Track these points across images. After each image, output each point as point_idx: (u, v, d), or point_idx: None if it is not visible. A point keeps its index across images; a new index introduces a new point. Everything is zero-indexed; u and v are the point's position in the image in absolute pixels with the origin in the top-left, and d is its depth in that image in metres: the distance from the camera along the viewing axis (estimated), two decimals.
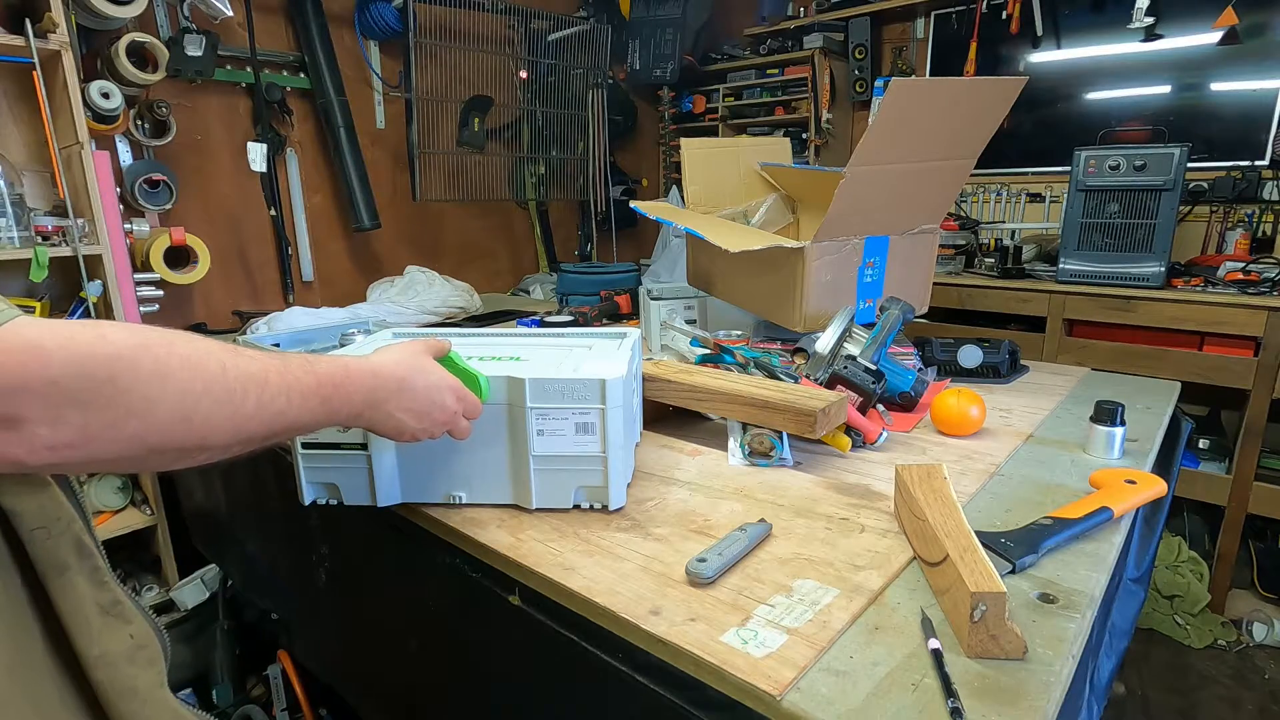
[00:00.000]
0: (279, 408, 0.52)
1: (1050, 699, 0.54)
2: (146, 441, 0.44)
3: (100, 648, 0.51)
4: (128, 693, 0.53)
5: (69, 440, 0.41)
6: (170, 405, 0.45)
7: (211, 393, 0.47)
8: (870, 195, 1.26)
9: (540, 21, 3.11)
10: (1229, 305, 2.06)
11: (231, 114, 2.47)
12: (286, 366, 0.54)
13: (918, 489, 0.77)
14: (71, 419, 0.41)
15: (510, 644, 0.81)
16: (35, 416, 0.40)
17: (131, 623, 0.54)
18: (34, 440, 0.41)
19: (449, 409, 0.72)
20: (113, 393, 0.42)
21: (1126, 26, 2.54)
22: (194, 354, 0.47)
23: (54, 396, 0.40)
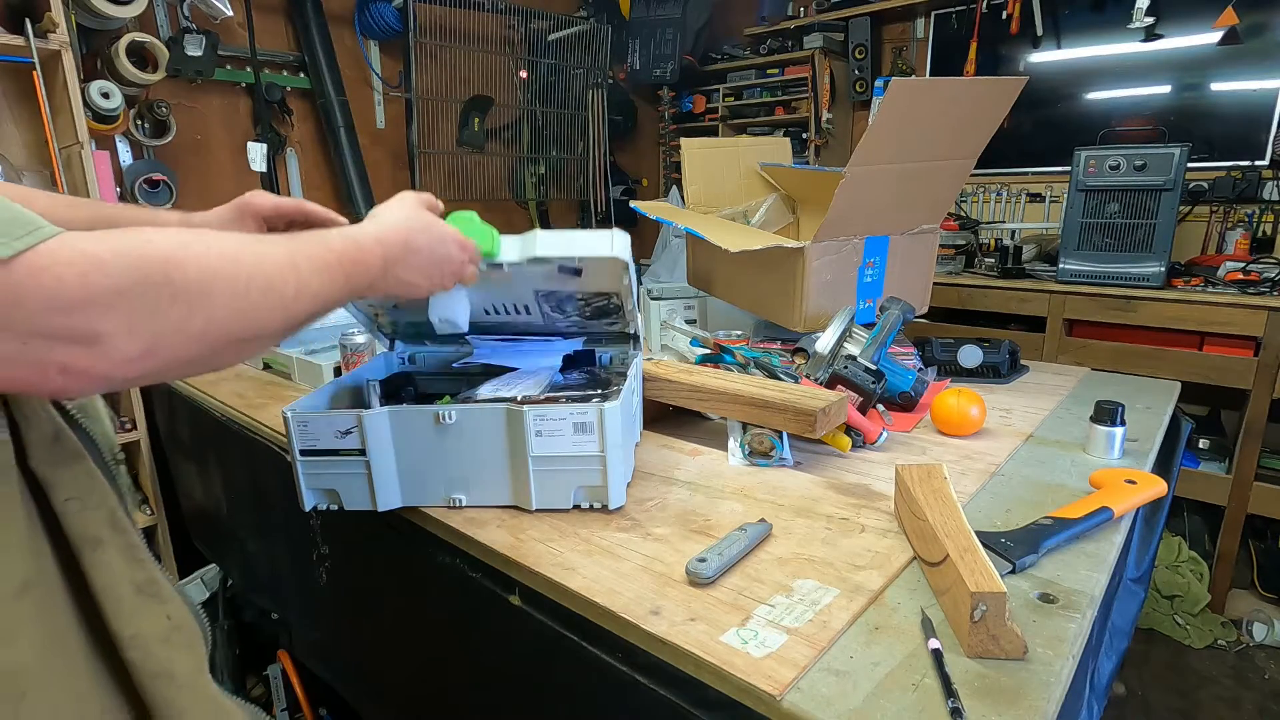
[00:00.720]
0: (314, 288, 0.53)
1: (1050, 699, 0.54)
2: (209, 337, 0.45)
3: (134, 628, 0.50)
4: (164, 676, 0.50)
5: (146, 347, 0.41)
6: (224, 298, 0.45)
7: (255, 281, 0.47)
8: (870, 195, 1.26)
9: (540, 21, 3.11)
10: (1229, 305, 2.06)
11: (231, 114, 2.47)
12: (309, 248, 0.54)
13: (918, 489, 0.77)
14: (144, 325, 0.41)
15: (510, 644, 0.81)
16: (111, 329, 0.39)
17: (168, 603, 0.52)
18: (115, 353, 0.40)
19: (455, 259, 0.72)
20: (173, 292, 0.42)
21: (1126, 26, 2.54)
22: (229, 248, 0.47)
23: (122, 305, 0.40)
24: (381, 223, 0.65)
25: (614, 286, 0.92)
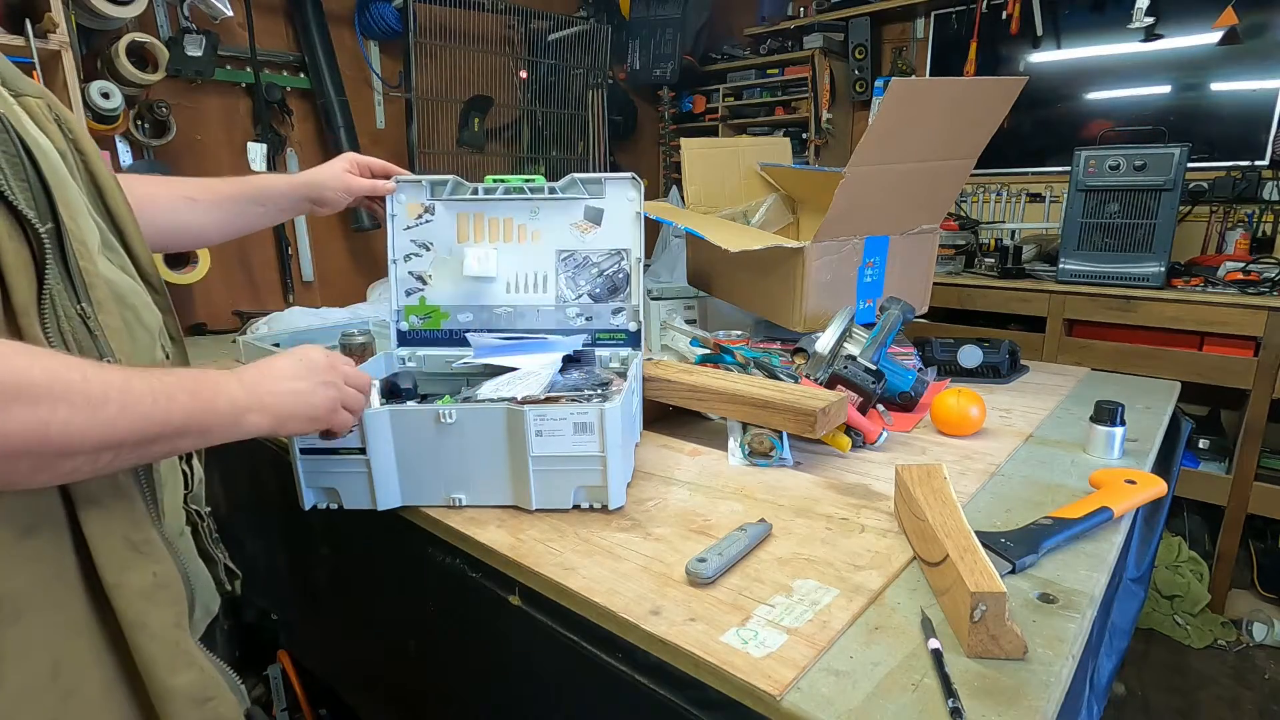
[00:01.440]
0: (144, 409, 0.52)
1: (1050, 699, 0.54)
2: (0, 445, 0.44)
3: (117, 578, 0.54)
4: (138, 626, 0.55)
5: None
6: (22, 408, 0.44)
7: (69, 397, 0.47)
8: (870, 195, 1.26)
9: (540, 21, 3.11)
10: (1229, 305, 2.06)
11: (231, 114, 2.47)
12: (150, 372, 0.54)
13: (918, 489, 0.76)
14: None
15: (510, 644, 0.81)
16: None
17: (158, 563, 0.57)
18: None
19: (317, 358, 0.70)
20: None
21: (1126, 26, 2.54)
22: (50, 363, 0.47)
23: None
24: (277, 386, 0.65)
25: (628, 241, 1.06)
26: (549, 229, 1.08)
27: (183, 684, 0.58)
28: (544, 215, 1.08)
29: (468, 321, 1.11)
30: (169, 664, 0.57)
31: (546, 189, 1.06)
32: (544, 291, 1.09)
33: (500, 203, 1.08)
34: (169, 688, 0.57)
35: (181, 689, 0.58)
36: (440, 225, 1.09)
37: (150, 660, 0.56)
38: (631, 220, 1.06)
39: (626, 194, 1.06)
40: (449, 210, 1.09)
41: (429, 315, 1.11)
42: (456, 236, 1.09)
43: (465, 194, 1.07)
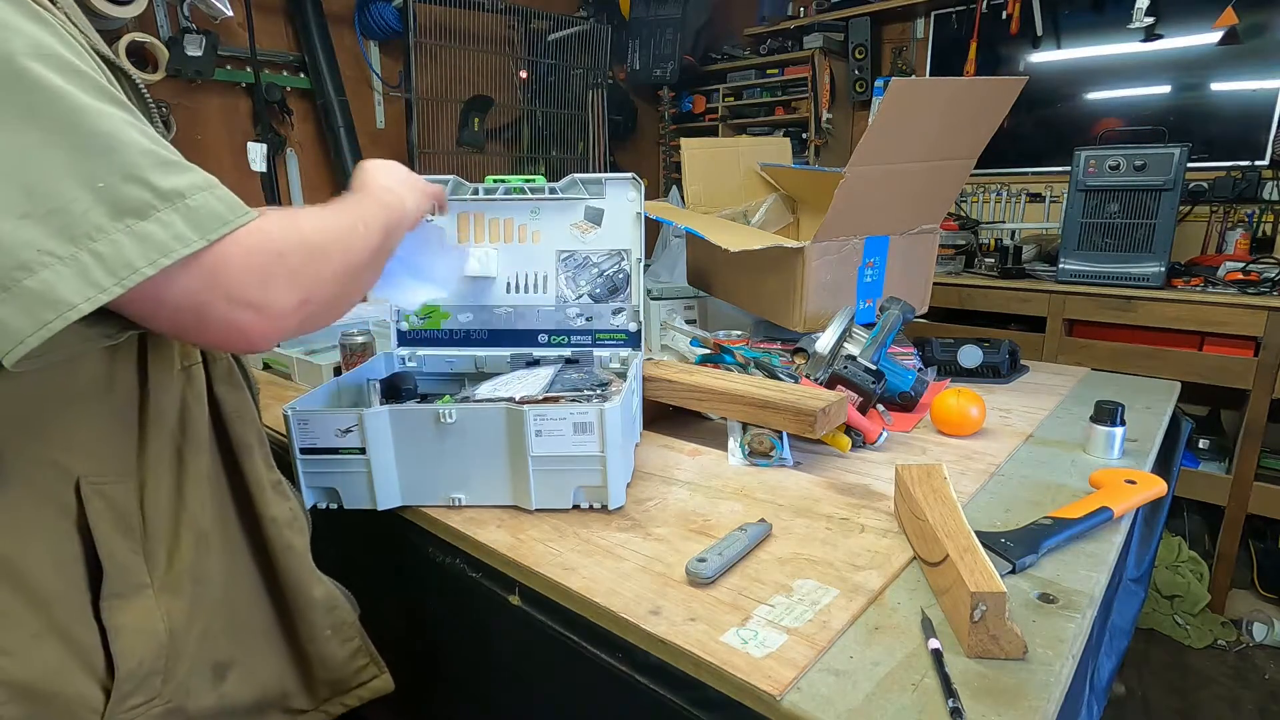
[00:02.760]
0: (373, 221, 0.65)
1: (1050, 699, 0.54)
2: (338, 277, 0.56)
3: (272, 512, 0.69)
4: (287, 550, 0.70)
5: (301, 298, 0.52)
6: (336, 249, 0.57)
7: (344, 234, 0.60)
8: (870, 195, 1.26)
9: (540, 21, 3.11)
10: (1229, 305, 2.06)
11: (231, 114, 2.47)
12: (353, 201, 0.69)
13: (918, 489, 0.77)
14: (299, 282, 0.52)
15: (510, 644, 0.81)
16: (276, 294, 0.50)
17: (290, 499, 0.72)
18: (279, 309, 0.51)
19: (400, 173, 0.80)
20: (311, 254, 0.53)
21: (1126, 26, 2.54)
22: (328, 220, 0.59)
23: (286, 273, 0.51)
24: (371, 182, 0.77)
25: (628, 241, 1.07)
26: (549, 229, 1.08)
27: (319, 595, 0.74)
28: (544, 215, 1.08)
29: (468, 321, 1.11)
30: (309, 579, 0.72)
31: (547, 189, 1.06)
32: (544, 292, 1.10)
33: (500, 203, 1.08)
34: (311, 598, 0.72)
35: (319, 599, 0.73)
36: (440, 225, 1.09)
37: (296, 577, 0.71)
38: (632, 220, 1.06)
39: (627, 194, 1.06)
40: (449, 210, 1.09)
41: (429, 315, 1.11)
42: (457, 237, 1.09)
43: (465, 194, 1.07)
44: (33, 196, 0.42)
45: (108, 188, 0.44)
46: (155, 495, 0.59)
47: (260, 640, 0.70)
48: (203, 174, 0.48)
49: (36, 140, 0.42)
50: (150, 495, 0.59)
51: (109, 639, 0.55)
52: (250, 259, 0.48)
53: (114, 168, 0.44)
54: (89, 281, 0.42)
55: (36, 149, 0.42)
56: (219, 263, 0.47)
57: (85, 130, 0.44)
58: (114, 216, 0.44)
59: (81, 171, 0.43)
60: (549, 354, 1.09)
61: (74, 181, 0.43)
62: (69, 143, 0.43)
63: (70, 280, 0.42)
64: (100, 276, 0.43)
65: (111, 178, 0.44)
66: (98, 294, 0.43)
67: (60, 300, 0.42)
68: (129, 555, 0.57)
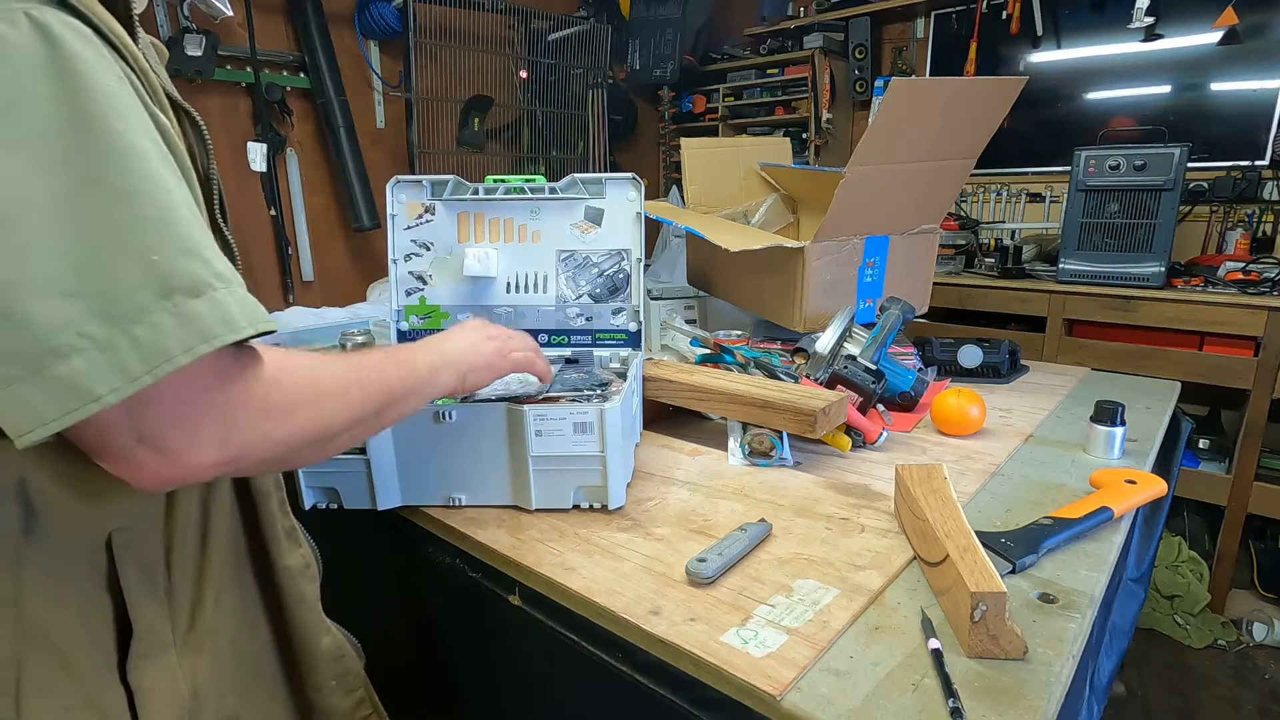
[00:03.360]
0: (373, 387, 0.59)
1: (1050, 699, 0.54)
2: (290, 444, 0.51)
3: (286, 561, 0.66)
4: (299, 601, 0.68)
5: (231, 456, 0.46)
6: (303, 411, 0.51)
7: (328, 394, 0.54)
8: (870, 195, 1.26)
9: (540, 21, 3.11)
10: (1229, 305, 2.06)
11: (231, 114, 2.47)
12: (361, 355, 0.61)
13: (918, 489, 0.77)
14: (236, 437, 0.46)
15: (510, 644, 0.81)
16: (204, 440, 0.45)
17: (302, 546, 0.69)
18: (196, 460, 0.45)
19: (474, 322, 0.78)
20: (266, 409, 0.48)
21: (1126, 26, 2.54)
22: (310, 364, 0.54)
23: (221, 419, 0.46)
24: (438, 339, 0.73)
25: (628, 241, 1.07)
26: (549, 229, 1.08)
27: (326, 645, 0.71)
28: (544, 215, 1.08)
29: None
30: (317, 630, 0.70)
31: (547, 189, 1.06)
32: (544, 292, 1.10)
33: (500, 203, 1.08)
34: (318, 649, 0.70)
35: (325, 650, 0.71)
36: (440, 225, 1.09)
37: (305, 627, 0.68)
38: (632, 220, 1.06)
39: (627, 194, 1.06)
40: (449, 210, 1.09)
41: (429, 315, 1.11)
42: (457, 236, 1.09)
43: (465, 194, 1.07)
44: (83, 272, 0.39)
45: (162, 261, 0.41)
46: (182, 550, 0.57)
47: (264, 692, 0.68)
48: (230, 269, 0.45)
49: (98, 210, 0.40)
50: (177, 550, 0.57)
51: (135, 702, 0.53)
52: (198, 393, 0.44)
53: (171, 241, 0.41)
54: (120, 370, 0.39)
55: (97, 221, 0.40)
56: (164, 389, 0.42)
57: (151, 202, 0.41)
58: (162, 295, 0.40)
59: (139, 244, 0.40)
60: (549, 354, 1.09)
61: (127, 254, 0.40)
62: (130, 215, 0.40)
63: (102, 369, 0.39)
64: (133, 364, 0.40)
65: (167, 251, 0.41)
66: (126, 385, 0.39)
67: (86, 391, 0.39)
68: (156, 613, 0.55)
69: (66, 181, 0.39)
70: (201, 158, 0.57)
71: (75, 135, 0.40)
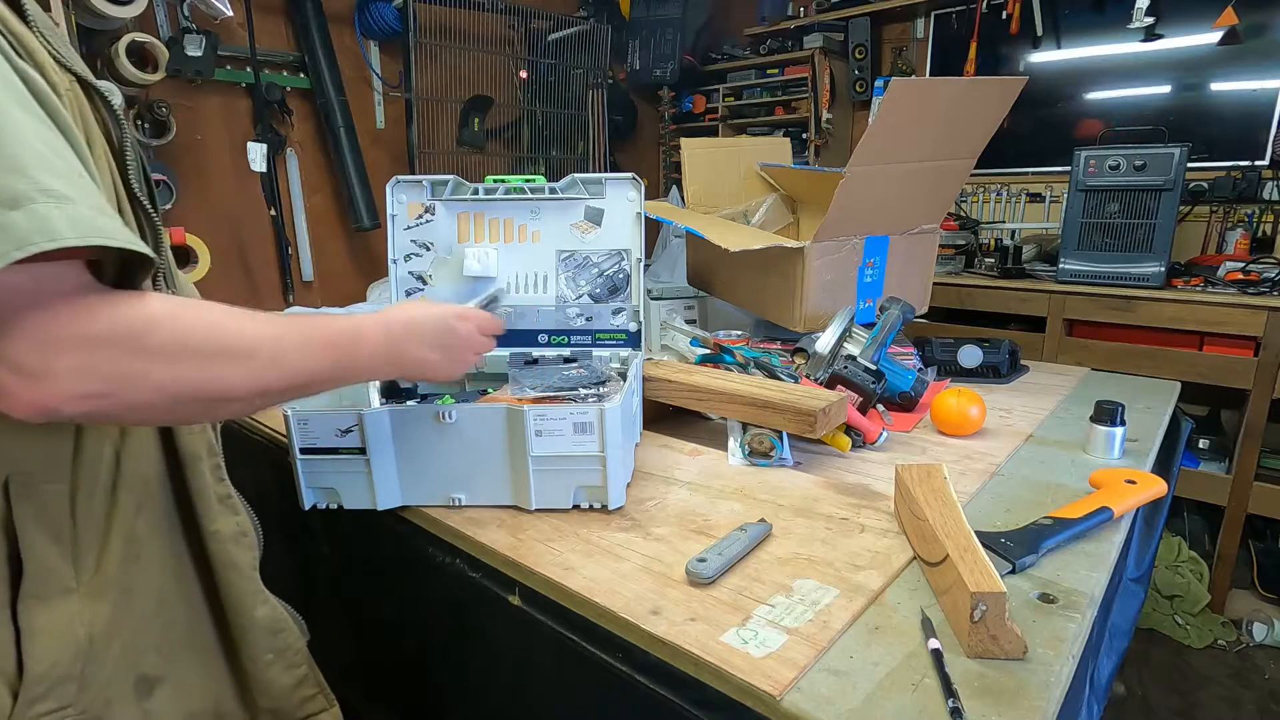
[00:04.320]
0: (294, 364, 0.57)
1: (1050, 699, 0.54)
2: (169, 391, 0.49)
3: (216, 526, 0.66)
4: (230, 566, 0.67)
5: (97, 390, 0.45)
6: (191, 362, 0.50)
7: (229, 351, 0.52)
8: (870, 195, 1.26)
9: (540, 21, 3.11)
10: (1229, 305, 2.06)
11: (231, 114, 2.46)
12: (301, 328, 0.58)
13: (918, 489, 0.76)
14: (100, 371, 0.45)
15: (510, 644, 0.81)
16: (62, 369, 0.44)
17: (238, 514, 0.68)
18: (57, 388, 0.44)
19: (461, 332, 0.75)
20: (141, 349, 0.47)
21: (1126, 26, 2.54)
22: (215, 318, 0.52)
23: (84, 351, 0.45)
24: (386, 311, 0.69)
25: (628, 241, 1.07)
26: (549, 229, 1.08)
27: (262, 616, 0.69)
28: (544, 215, 1.08)
29: None
30: (252, 599, 0.68)
31: (547, 189, 1.06)
32: (544, 292, 1.10)
33: (500, 203, 1.08)
34: (253, 619, 0.68)
35: (261, 621, 0.69)
36: (440, 225, 1.09)
37: (239, 595, 0.67)
38: (632, 220, 1.06)
39: (627, 194, 1.06)
40: (449, 210, 1.09)
41: None
42: (457, 236, 1.09)
43: (465, 194, 1.07)
44: None
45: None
46: (88, 499, 0.57)
47: (196, 658, 0.67)
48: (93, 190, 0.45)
49: None
50: (83, 499, 0.56)
51: (21, 641, 0.53)
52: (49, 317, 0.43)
53: None
54: None
55: None
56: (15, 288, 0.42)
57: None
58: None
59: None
60: (549, 354, 1.09)
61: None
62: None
63: None
64: None
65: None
66: None
67: None
68: (55, 558, 0.55)
69: None
70: (115, 131, 0.58)
71: None
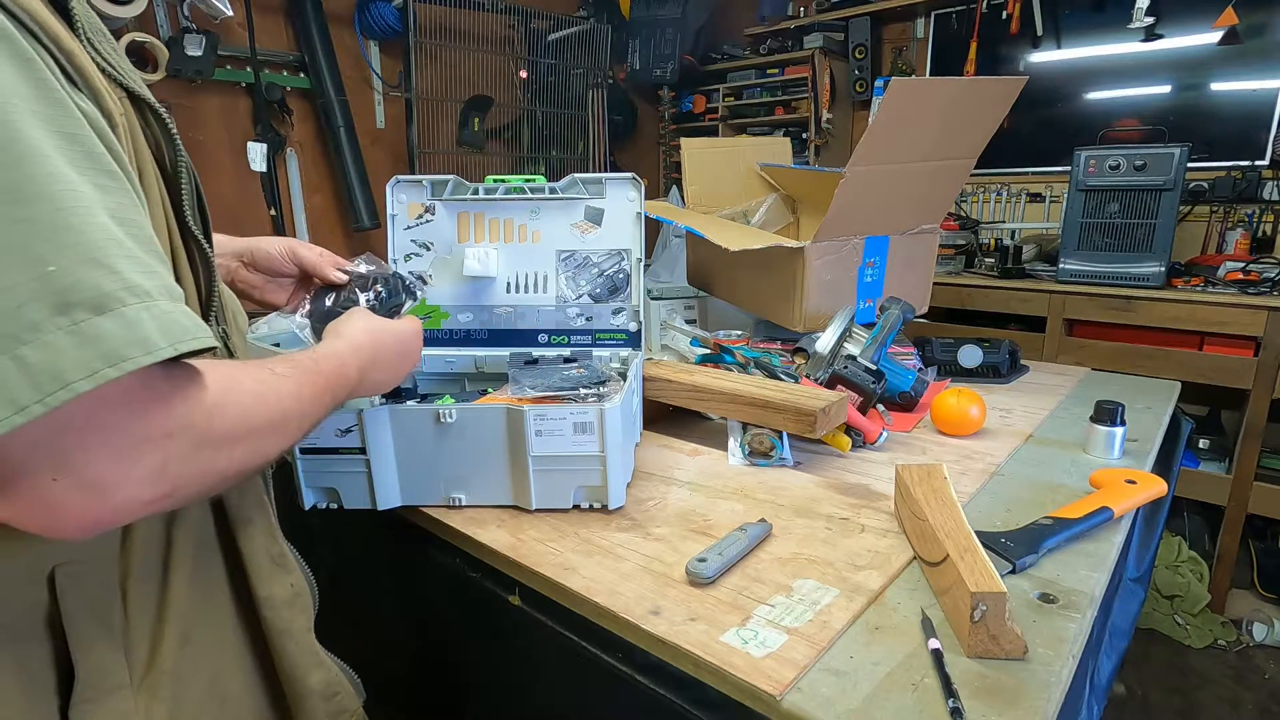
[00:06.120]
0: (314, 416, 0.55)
1: (1050, 699, 0.54)
2: (225, 475, 0.46)
3: (268, 590, 0.60)
4: (284, 633, 0.61)
5: (165, 491, 0.41)
6: (247, 442, 0.46)
7: (273, 425, 0.49)
8: (870, 195, 1.26)
9: (540, 21, 3.11)
10: (1229, 305, 2.06)
11: (231, 114, 2.47)
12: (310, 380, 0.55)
13: (918, 489, 0.76)
14: (174, 470, 0.40)
15: (510, 644, 0.81)
16: (140, 475, 0.39)
17: (292, 574, 0.63)
18: (127, 498, 0.39)
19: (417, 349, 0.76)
20: (208, 439, 0.43)
21: (1126, 26, 2.54)
22: (258, 390, 0.48)
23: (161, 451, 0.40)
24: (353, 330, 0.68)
25: (628, 241, 1.06)
26: (549, 229, 1.08)
27: (316, 682, 0.64)
28: (544, 215, 1.08)
29: (468, 321, 1.11)
30: (306, 666, 0.63)
31: (547, 189, 1.06)
32: (544, 292, 1.10)
33: (500, 203, 1.08)
34: (307, 687, 0.63)
35: (316, 687, 0.64)
36: (440, 225, 1.09)
37: (292, 663, 0.62)
38: (632, 220, 1.06)
39: (627, 194, 1.06)
40: (449, 210, 1.09)
41: (429, 315, 1.11)
42: (457, 236, 1.09)
43: (465, 194, 1.07)
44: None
45: (60, 272, 0.35)
46: (140, 583, 0.51)
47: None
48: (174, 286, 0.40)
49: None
50: (135, 583, 0.51)
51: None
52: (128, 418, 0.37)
53: (70, 248, 0.35)
54: (6, 399, 0.33)
55: None
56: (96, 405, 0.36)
57: (43, 201, 0.35)
58: (58, 310, 0.34)
59: (28, 251, 0.34)
60: (549, 354, 1.09)
61: (15, 263, 0.34)
62: (21, 216, 0.35)
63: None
64: (21, 391, 0.33)
65: (66, 260, 0.35)
66: (14, 416, 0.33)
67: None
68: (106, 655, 0.49)
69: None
70: (168, 150, 0.51)
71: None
